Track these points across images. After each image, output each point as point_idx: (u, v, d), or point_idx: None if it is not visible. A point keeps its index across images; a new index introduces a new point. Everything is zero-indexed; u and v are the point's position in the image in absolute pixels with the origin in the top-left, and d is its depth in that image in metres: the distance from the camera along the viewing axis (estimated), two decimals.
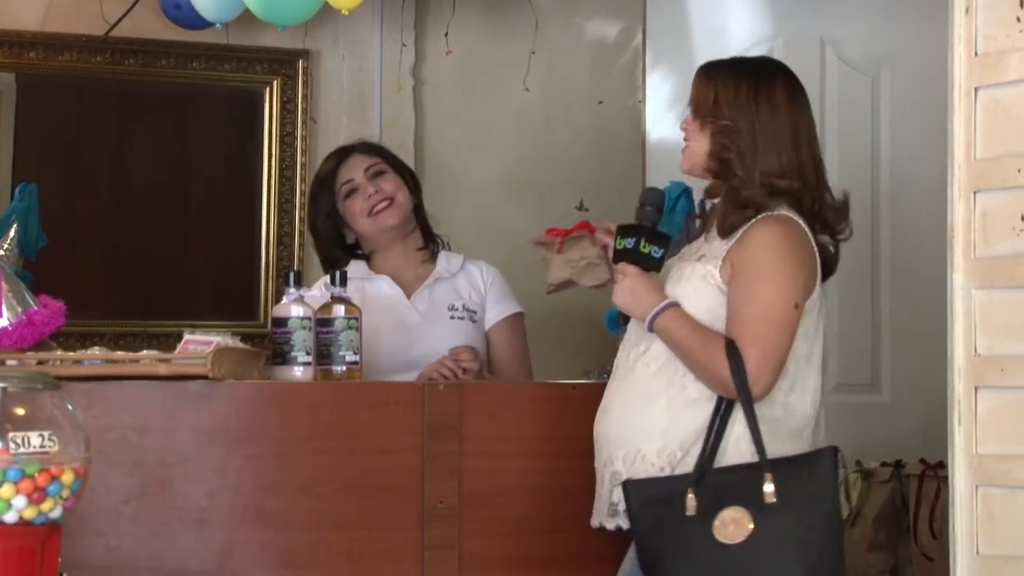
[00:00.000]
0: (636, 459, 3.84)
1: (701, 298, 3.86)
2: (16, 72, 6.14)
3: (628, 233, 3.92)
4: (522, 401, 4.36)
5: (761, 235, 3.87)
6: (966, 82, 3.81)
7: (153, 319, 6.08)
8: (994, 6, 3.76)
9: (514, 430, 4.26)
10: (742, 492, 3.72)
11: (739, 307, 3.82)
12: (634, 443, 3.85)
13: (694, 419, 3.82)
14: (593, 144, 6.57)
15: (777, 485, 3.69)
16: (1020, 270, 3.69)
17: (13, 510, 2.73)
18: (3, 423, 2.74)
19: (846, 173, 6.00)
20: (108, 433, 3.95)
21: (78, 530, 3.69)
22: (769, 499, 3.69)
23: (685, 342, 3.82)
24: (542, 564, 4.22)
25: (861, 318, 5.99)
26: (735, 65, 4.05)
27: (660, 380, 3.86)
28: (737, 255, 3.86)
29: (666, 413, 3.84)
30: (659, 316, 3.83)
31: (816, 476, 3.76)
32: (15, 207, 4.81)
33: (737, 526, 3.68)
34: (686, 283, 3.89)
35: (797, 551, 3.68)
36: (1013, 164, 3.70)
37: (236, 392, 4.16)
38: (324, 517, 4.12)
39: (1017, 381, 3.69)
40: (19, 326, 4.32)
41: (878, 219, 6.08)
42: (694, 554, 3.71)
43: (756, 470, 3.74)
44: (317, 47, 6.45)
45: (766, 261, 3.85)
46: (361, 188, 4.80)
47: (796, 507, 3.70)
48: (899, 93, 6.06)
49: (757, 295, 3.82)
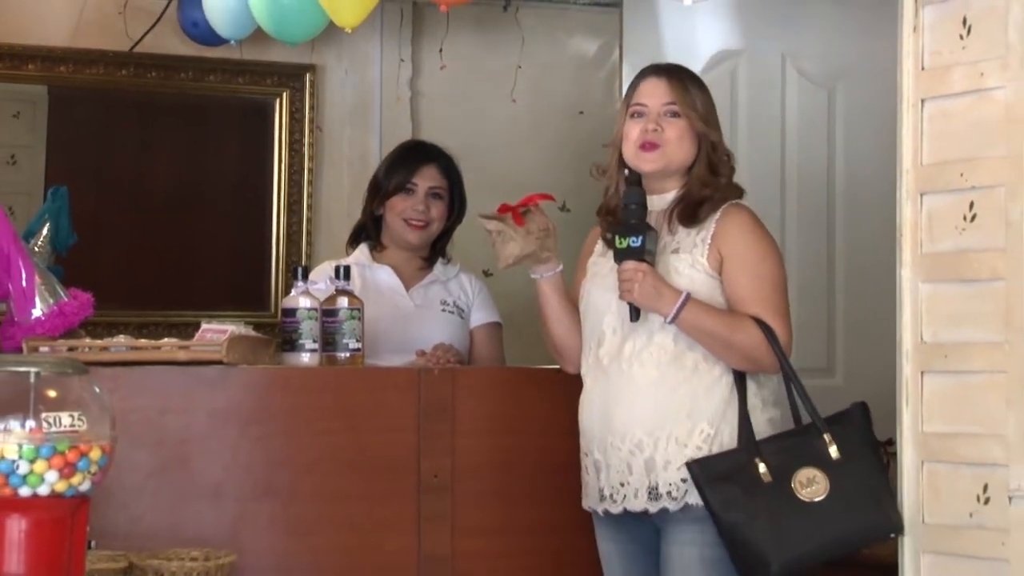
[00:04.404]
0: (669, 443, 3.77)
1: (695, 287, 3.80)
2: (48, 84, 6.12)
3: (630, 232, 3.79)
4: (509, 385, 4.37)
5: (743, 222, 3.86)
6: (914, 94, 3.82)
7: (173, 309, 6.08)
8: (939, 25, 3.77)
9: (502, 411, 4.26)
10: (806, 453, 3.69)
11: (756, 286, 3.80)
12: (664, 429, 3.78)
13: (714, 398, 3.79)
14: (575, 150, 6.56)
15: (836, 442, 3.68)
16: (963, 265, 3.69)
17: (46, 484, 2.73)
18: (36, 405, 2.74)
19: (804, 177, 6.02)
20: (132, 414, 3.95)
21: (105, 502, 3.69)
22: (835, 455, 3.68)
23: (715, 327, 3.76)
24: (527, 532, 4.22)
25: (818, 308, 5.99)
26: (691, 72, 4.02)
27: (675, 367, 3.80)
28: (725, 242, 3.82)
29: (688, 397, 3.78)
30: (684, 307, 3.74)
31: (860, 429, 3.75)
32: (47, 208, 4.80)
33: (815, 484, 3.65)
34: (677, 276, 3.81)
35: (871, 497, 3.67)
36: (956, 169, 3.71)
37: (249, 376, 4.16)
38: (328, 491, 4.12)
39: (959, 366, 3.69)
40: (51, 316, 4.31)
41: (833, 219, 6.07)
42: (779, 516, 3.64)
43: (807, 433, 3.72)
44: (323, 62, 6.44)
45: (760, 242, 3.85)
46: (416, 196, 4.81)
47: (857, 459, 3.69)
48: (853, 104, 6.06)
49: (764, 273, 3.82)
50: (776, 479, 3.67)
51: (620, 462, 3.83)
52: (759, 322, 3.77)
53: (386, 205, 4.83)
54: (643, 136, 3.90)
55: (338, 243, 5.32)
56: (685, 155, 3.91)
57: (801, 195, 6.07)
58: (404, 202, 4.80)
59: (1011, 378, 3.56)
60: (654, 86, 3.94)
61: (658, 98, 3.92)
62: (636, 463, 3.80)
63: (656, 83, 3.94)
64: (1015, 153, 3.56)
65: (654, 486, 3.79)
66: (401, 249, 4.85)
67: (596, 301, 3.95)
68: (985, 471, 3.62)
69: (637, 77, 4.01)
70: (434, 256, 4.88)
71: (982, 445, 3.62)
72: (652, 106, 3.92)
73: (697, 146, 3.91)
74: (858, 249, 5.98)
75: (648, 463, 3.79)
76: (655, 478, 3.78)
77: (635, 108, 3.95)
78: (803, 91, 6.09)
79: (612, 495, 3.86)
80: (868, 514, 3.68)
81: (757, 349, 3.76)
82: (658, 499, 3.79)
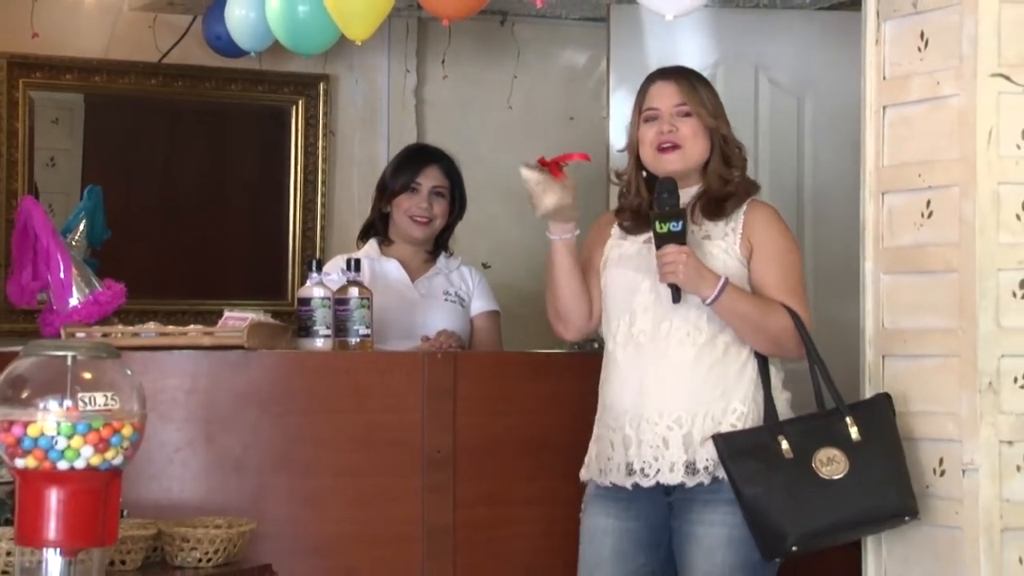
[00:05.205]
0: (706, 420, 3.64)
1: (728, 272, 3.67)
2: (84, 93, 6.12)
3: (669, 217, 3.61)
4: (507, 368, 4.37)
5: (771, 217, 3.78)
6: (876, 101, 3.82)
7: (198, 299, 6.07)
8: (899, 39, 3.77)
9: (500, 392, 4.26)
10: (828, 434, 3.60)
11: (782, 276, 3.72)
12: (701, 406, 3.65)
13: (744, 379, 3.68)
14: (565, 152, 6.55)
15: (858, 425, 3.61)
16: (920, 258, 3.70)
17: (82, 458, 2.73)
18: (73, 386, 2.74)
19: (775, 178, 6.01)
20: (160, 394, 3.96)
21: (136, 475, 3.69)
22: (855, 437, 3.59)
23: (749, 311, 3.65)
24: (522, 504, 4.22)
25: None
26: (696, 72, 3.90)
27: (710, 348, 3.67)
28: (754, 233, 3.73)
29: (722, 377, 3.67)
30: (724, 290, 3.61)
31: (882, 416, 3.65)
32: (84, 206, 4.79)
33: (835, 463, 3.56)
34: (712, 260, 3.68)
35: (888, 480, 3.58)
36: (915, 170, 3.71)
37: (268, 360, 4.17)
38: (340, 465, 4.12)
39: (917, 350, 3.70)
40: (87, 304, 4.32)
41: (803, 216, 6.07)
42: (798, 490, 3.55)
43: (829, 416, 3.64)
44: (335, 72, 6.43)
45: (784, 236, 3.77)
46: (420, 195, 4.81)
47: (876, 443, 3.60)
48: (820, 111, 6.06)
49: (788, 265, 3.74)
50: (797, 456, 3.57)
51: (655, 437, 3.67)
52: (787, 309, 3.69)
53: (393, 203, 4.83)
54: (659, 138, 3.78)
55: (349, 238, 5.32)
56: (701, 151, 3.78)
57: (772, 194, 6.02)
58: (409, 200, 4.81)
59: (964, 361, 3.57)
60: (663, 89, 3.82)
61: (668, 100, 3.79)
62: (674, 438, 3.65)
63: (664, 86, 3.82)
64: (968, 156, 3.57)
65: (691, 461, 3.65)
66: (407, 244, 4.85)
67: (624, 280, 3.80)
68: (941, 446, 3.63)
69: (646, 82, 3.88)
70: (437, 250, 4.88)
71: (938, 422, 3.63)
72: (664, 108, 3.79)
73: (710, 141, 3.78)
74: (825, 243, 5.98)
75: (686, 439, 3.65)
76: (692, 453, 3.64)
77: (648, 113, 3.82)
78: (775, 99, 6.09)
79: (643, 469, 3.68)
80: (885, 496, 3.58)
81: (785, 333, 3.67)
82: (695, 474, 3.65)
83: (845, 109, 4.41)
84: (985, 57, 3.55)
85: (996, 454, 3.53)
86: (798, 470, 3.57)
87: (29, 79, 5.93)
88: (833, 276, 5.78)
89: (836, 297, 5.20)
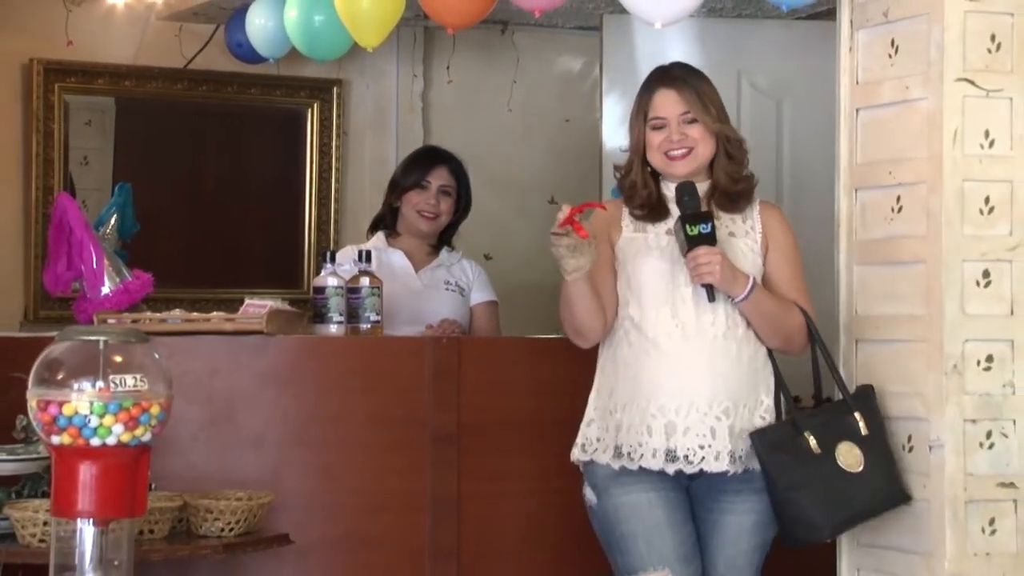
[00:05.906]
0: (745, 411, 3.55)
1: (754, 270, 3.61)
2: (115, 97, 6.12)
3: (699, 220, 3.51)
4: (507, 352, 4.37)
5: (782, 217, 3.73)
6: (849, 104, 3.82)
7: (221, 287, 6.06)
8: (871, 46, 3.77)
9: (500, 375, 4.25)
10: (843, 428, 3.57)
11: (792, 274, 3.66)
12: (743, 398, 3.55)
13: (766, 371, 3.61)
14: (561, 153, 6.56)
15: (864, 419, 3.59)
16: (891, 250, 3.70)
17: (113, 435, 2.73)
18: (105, 368, 2.74)
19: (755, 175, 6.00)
20: (186, 376, 3.95)
21: (163, 450, 3.69)
22: (864, 431, 3.57)
23: (773, 309, 3.58)
24: (521, 478, 4.22)
25: None
26: (695, 71, 3.74)
27: (745, 341, 3.58)
28: (771, 232, 3.67)
29: (755, 371, 3.59)
30: (754, 289, 3.53)
31: (875, 409, 3.63)
32: (115, 201, 4.80)
33: (853, 457, 3.53)
34: (742, 257, 3.61)
35: (891, 469, 3.58)
36: (885, 168, 3.71)
37: (285, 344, 4.17)
38: (353, 441, 4.12)
39: (887, 336, 3.70)
40: (117, 293, 4.31)
41: None
42: (831, 485, 3.51)
43: (838, 410, 3.61)
44: (348, 77, 6.43)
45: (792, 236, 3.71)
46: (429, 192, 4.81)
47: (878, 435, 3.59)
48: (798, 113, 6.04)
49: (797, 263, 3.69)
50: (823, 451, 3.53)
51: (703, 426, 3.53)
52: (799, 308, 3.63)
53: (403, 199, 4.83)
54: (668, 144, 3.63)
55: (361, 231, 5.31)
56: (709, 152, 3.65)
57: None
58: (418, 196, 4.81)
59: (931, 346, 3.57)
60: (667, 98, 3.65)
61: (674, 108, 3.63)
62: (721, 428, 3.53)
63: (668, 95, 3.65)
64: (935, 155, 3.57)
65: (733, 450, 3.54)
66: (413, 237, 4.85)
67: (658, 271, 3.61)
68: (910, 424, 3.63)
69: (649, 87, 3.70)
70: (441, 245, 4.89)
71: (907, 402, 3.63)
72: (670, 117, 3.63)
73: (716, 141, 3.66)
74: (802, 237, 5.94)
75: (731, 429, 3.53)
76: (735, 443, 3.55)
77: (654, 122, 3.65)
78: (755, 102, 6.07)
79: (687, 456, 3.52)
80: (892, 483, 3.58)
81: (798, 330, 3.62)
82: (736, 462, 3.54)
83: (821, 111, 4.40)
84: (951, 63, 3.54)
85: (960, 431, 3.53)
86: (826, 465, 3.53)
87: (64, 84, 5.94)
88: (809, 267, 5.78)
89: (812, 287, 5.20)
